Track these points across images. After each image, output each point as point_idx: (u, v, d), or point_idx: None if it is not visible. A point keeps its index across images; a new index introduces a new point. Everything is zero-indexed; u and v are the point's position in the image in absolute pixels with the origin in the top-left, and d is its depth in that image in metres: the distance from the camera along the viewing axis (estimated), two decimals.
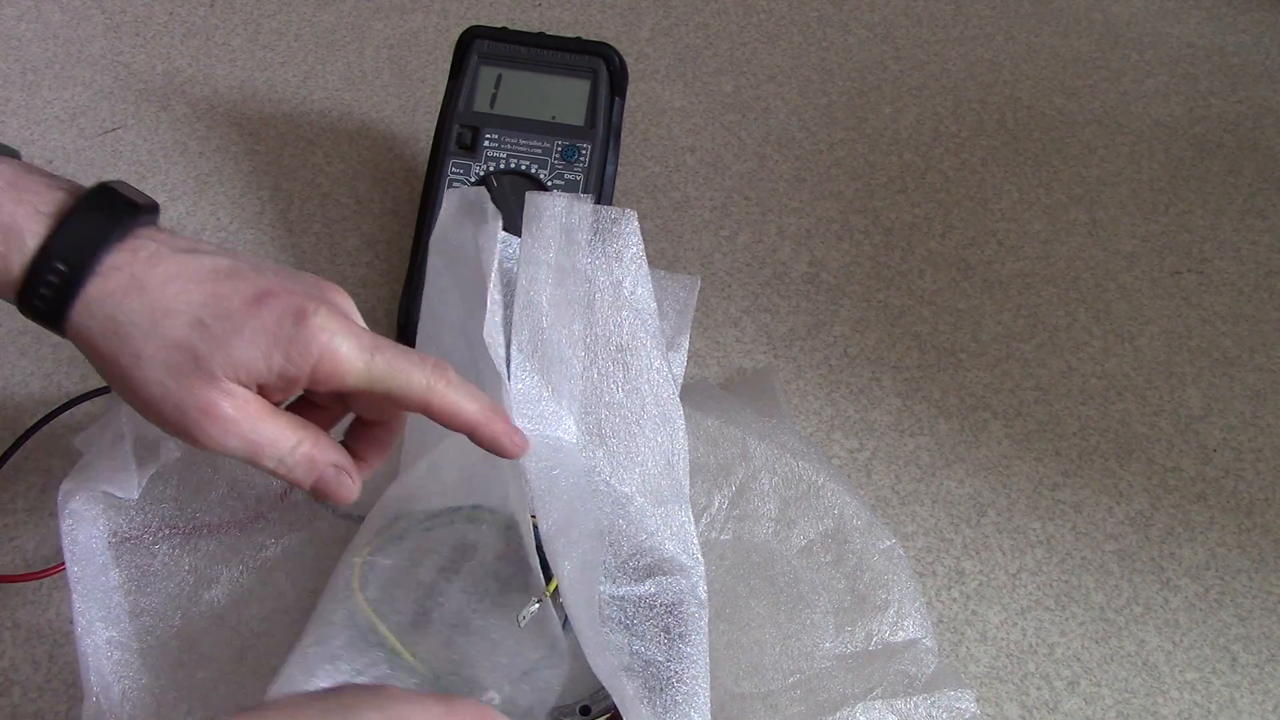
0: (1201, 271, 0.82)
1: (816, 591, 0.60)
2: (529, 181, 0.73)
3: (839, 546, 0.61)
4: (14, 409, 0.68)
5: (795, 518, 0.62)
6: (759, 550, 0.61)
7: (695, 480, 0.63)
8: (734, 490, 0.63)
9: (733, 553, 0.61)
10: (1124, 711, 0.60)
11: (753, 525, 0.62)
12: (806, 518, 0.62)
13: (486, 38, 0.75)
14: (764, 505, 0.63)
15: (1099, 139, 0.90)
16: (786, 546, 0.61)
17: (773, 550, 0.61)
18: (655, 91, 0.90)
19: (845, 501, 0.62)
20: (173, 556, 0.60)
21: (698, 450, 0.64)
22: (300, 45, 0.91)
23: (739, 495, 0.63)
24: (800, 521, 0.62)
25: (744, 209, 0.83)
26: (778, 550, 0.61)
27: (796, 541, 0.62)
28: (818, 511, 0.62)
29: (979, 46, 0.97)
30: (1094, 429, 0.72)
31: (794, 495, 0.63)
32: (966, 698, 0.56)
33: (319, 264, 0.77)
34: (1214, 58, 0.98)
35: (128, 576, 0.58)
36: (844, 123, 0.89)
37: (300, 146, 0.84)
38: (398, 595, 0.53)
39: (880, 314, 0.77)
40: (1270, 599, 0.65)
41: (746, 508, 0.63)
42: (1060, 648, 0.62)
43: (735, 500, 0.63)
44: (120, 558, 0.59)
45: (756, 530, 0.62)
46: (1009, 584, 0.65)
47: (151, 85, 0.87)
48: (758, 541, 0.62)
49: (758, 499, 0.63)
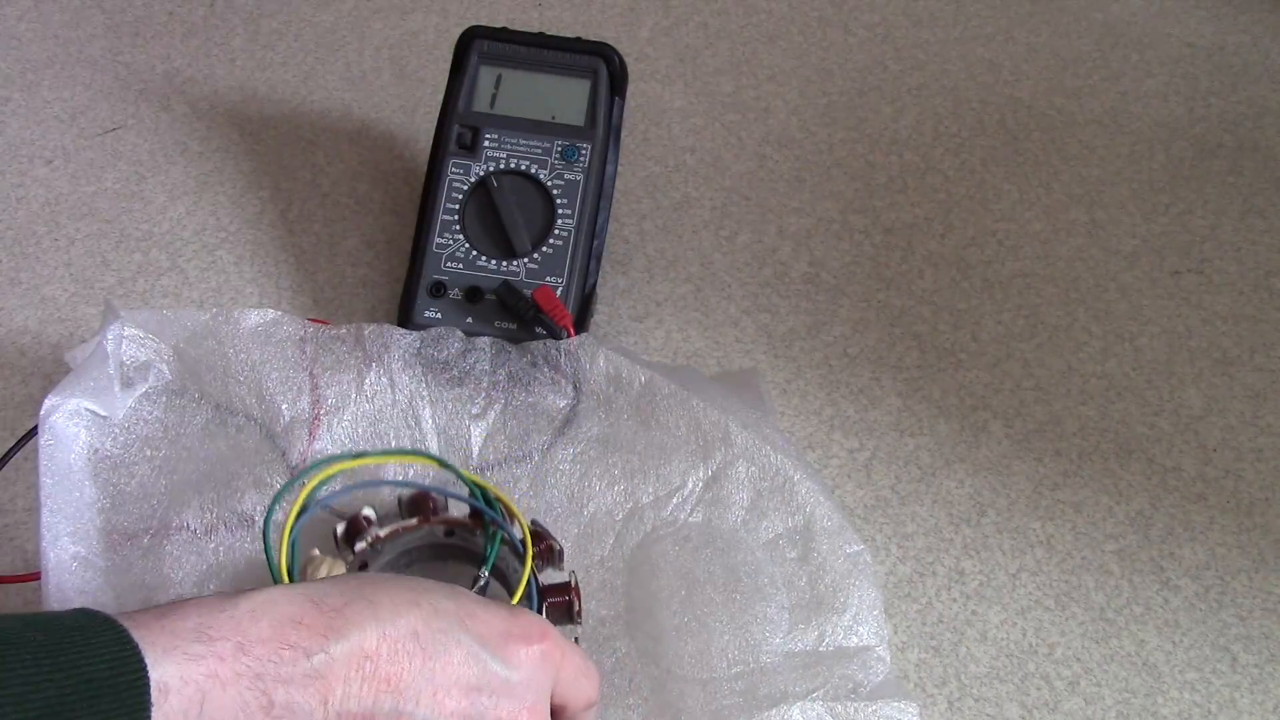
0: (1201, 271, 0.82)
1: (776, 586, 0.60)
2: (529, 181, 0.73)
3: (805, 544, 0.61)
4: (14, 409, 0.68)
5: (767, 509, 0.62)
6: (725, 537, 0.61)
7: (673, 458, 0.63)
8: (710, 474, 0.63)
9: (698, 535, 0.61)
10: (1124, 711, 0.60)
11: (723, 511, 0.62)
12: (778, 511, 0.62)
13: (486, 38, 0.75)
14: (738, 493, 0.62)
15: (1099, 139, 0.90)
16: (753, 537, 0.61)
17: (739, 539, 0.61)
18: (655, 91, 0.90)
19: (819, 501, 0.62)
20: (150, 478, 0.59)
21: (680, 428, 0.64)
22: (300, 45, 0.91)
23: (714, 479, 0.63)
24: (771, 514, 0.62)
25: (744, 209, 0.83)
26: (744, 539, 0.61)
27: (764, 534, 0.61)
28: (790, 507, 0.62)
29: (979, 46, 0.97)
30: (1094, 429, 0.72)
31: (768, 487, 0.62)
32: (910, 710, 0.55)
33: (319, 264, 0.77)
34: (1214, 58, 0.98)
35: (103, 494, 0.58)
36: (844, 123, 0.89)
37: (300, 146, 0.84)
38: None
39: (880, 314, 0.77)
40: (1270, 599, 0.65)
41: (720, 492, 0.62)
42: (1060, 648, 0.62)
43: (710, 484, 0.63)
44: (99, 475, 0.59)
45: (726, 516, 0.62)
46: (1009, 584, 0.65)
47: (151, 85, 0.87)
48: (725, 528, 0.62)
49: (732, 485, 0.63)
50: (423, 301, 0.70)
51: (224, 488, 0.59)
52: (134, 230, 0.78)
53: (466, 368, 0.66)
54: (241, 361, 0.63)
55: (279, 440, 0.62)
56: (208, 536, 0.58)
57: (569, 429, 0.64)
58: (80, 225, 0.78)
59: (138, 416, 0.61)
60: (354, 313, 0.74)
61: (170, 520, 0.58)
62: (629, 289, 0.77)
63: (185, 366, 0.63)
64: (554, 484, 0.63)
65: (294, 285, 0.75)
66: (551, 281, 0.70)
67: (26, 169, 0.81)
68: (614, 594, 0.59)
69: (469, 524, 0.57)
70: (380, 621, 0.42)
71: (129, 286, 0.74)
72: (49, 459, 0.55)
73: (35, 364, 0.70)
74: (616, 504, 0.62)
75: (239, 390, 0.63)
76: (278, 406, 0.63)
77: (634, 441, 0.64)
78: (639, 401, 0.65)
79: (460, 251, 0.71)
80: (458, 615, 0.44)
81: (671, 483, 0.63)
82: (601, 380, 0.65)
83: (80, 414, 0.58)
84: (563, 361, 0.65)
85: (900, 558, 0.65)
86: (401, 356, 0.65)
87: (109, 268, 0.76)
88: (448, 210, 0.72)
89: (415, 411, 0.64)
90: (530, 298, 0.69)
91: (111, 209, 0.79)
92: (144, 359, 0.62)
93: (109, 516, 0.58)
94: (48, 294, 0.74)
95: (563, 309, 0.68)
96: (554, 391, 0.65)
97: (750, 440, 0.63)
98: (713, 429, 0.63)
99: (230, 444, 0.61)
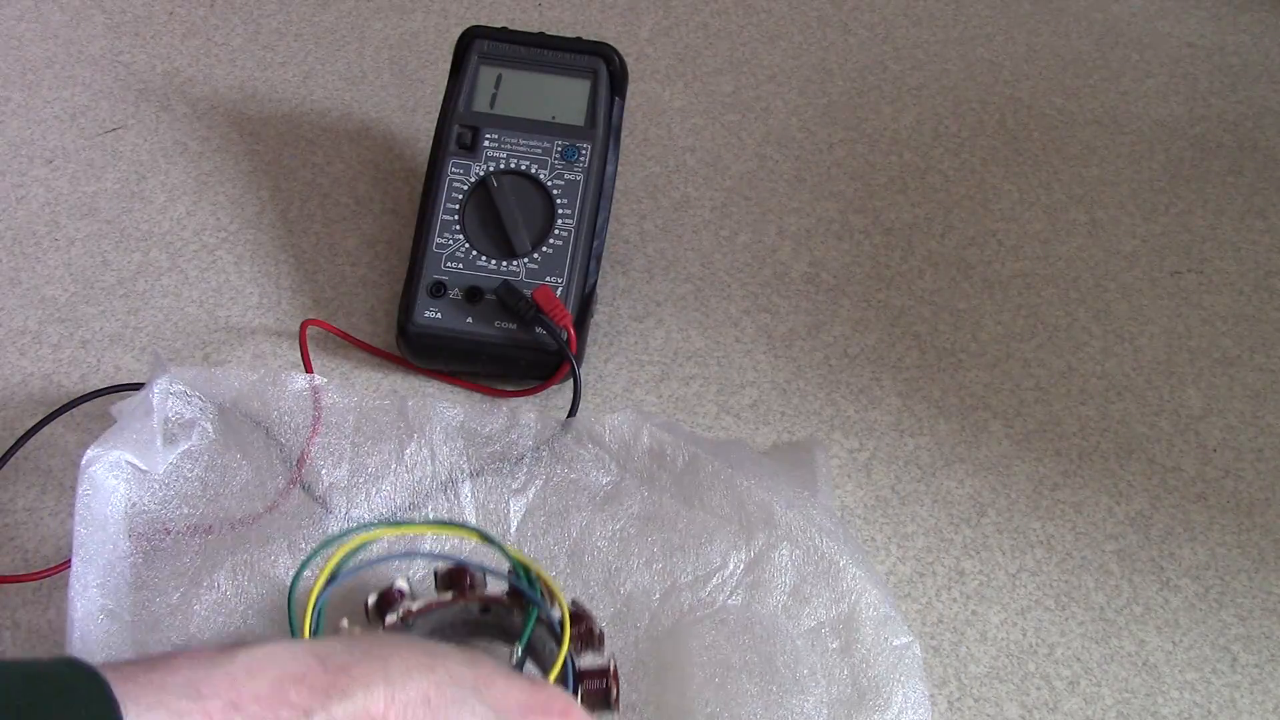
0: (1201, 271, 0.82)
1: (816, 678, 0.57)
2: (529, 181, 0.73)
3: (849, 634, 0.58)
4: (14, 409, 0.68)
5: (810, 595, 0.59)
6: (764, 622, 0.58)
7: (715, 538, 0.61)
8: (752, 556, 0.60)
9: (737, 620, 0.58)
10: (1124, 711, 0.60)
11: (764, 595, 0.59)
12: (821, 598, 0.59)
13: (486, 38, 0.75)
14: (780, 576, 0.60)
15: (1099, 139, 0.90)
16: (794, 624, 0.58)
17: (779, 625, 0.58)
18: (655, 91, 0.90)
19: (865, 588, 0.59)
20: (185, 536, 0.59)
21: (723, 507, 0.62)
22: (300, 45, 0.91)
23: (756, 562, 0.60)
24: (814, 600, 0.59)
25: (744, 209, 0.83)
26: (784, 626, 0.58)
27: (806, 621, 0.59)
28: (834, 594, 0.59)
29: (979, 46, 0.97)
30: (1094, 429, 0.72)
31: (813, 572, 0.59)
32: None
33: (319, 264, 0.77)
34: (1214, 58, 0.98)
35: (136, 548, 0.58)
36: (844, 123, 0.89)
37: (300, 146, 0.84)
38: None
39: (880, 314, 0.77)
40: (1270, 599, 0.65)
41: (761, 575, 0.60)
42: (1060, 648, 0.62)
43: (751, 566, 0.60)
44: (134, 529, 0.59)
45: (767, 600, 0.59)
46: (1009, 584, 0.65)
47: (151, 85, 0.87)
48: (765, 613, 0.59)
49: (774, 569, 0.60)
50: (423, 301, 0.70)
51: (258, 550, 0.59)
52: (134, 230, 0.78)
53: (510, 442, 0.65)
54: (285, 425, 0.63)
55: (317, 506, 0.61)
56: (238, 598, 0.58)
57: (610, 505, 0.63)
58: (80, 225, 0.78)
59: (178, 474, 0.61)
60: (354, 313, 0.74)
61: (201, 579, 0.58)
62: (629, 289, 0.77)
63: (229, 426, 0.63)
64: (592, 561, 0.61)
65: (294, 285, 0.75)
66: (551, 281, 0.70)
67: (26, 169, 0.81)
68: (646, 676, 0.58)
69: (506, 602, 0.56)
70: (390, 683, 0.40)
71: (129, 286, 0.74)
72: (85, 509, 0.55)
73: (35, 364, 0.70)
74: (654, 583, 0.60)
75: (280, 453, 0.62)
76: (318, 471, 0.62)
77: (675, 520, 0.62)
78: (682, 479, 0.63)
79: (460, 251, 0.71)
80: (474, 683, 0.42)
81: (712, 563, 0.61)
82: (644, 457, 0.64)
83: (120, 466, 0.58)
84: (607, 437, 0.64)
85: (900, 558, 0.65)
86: (444, 429, 0.64)
87: (109, 268, 0.76)
88: (448, 210, 0.72)
89: (455, 484, 0.63)
90: (530, 298, 0.69)
91: (111, 209, 0.79)
92: (189, 416, 0.62)
93: (140, 571, 0.58)
94: (48, 294, 0.74)
95: (563, 309, 0.68)
96: (596, 467, 0.64)
97: (795, 521, 0.60)
98: (757, 509, 0.61)
99: (267, 507, 0.61)
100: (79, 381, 0.69)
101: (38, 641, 0.58)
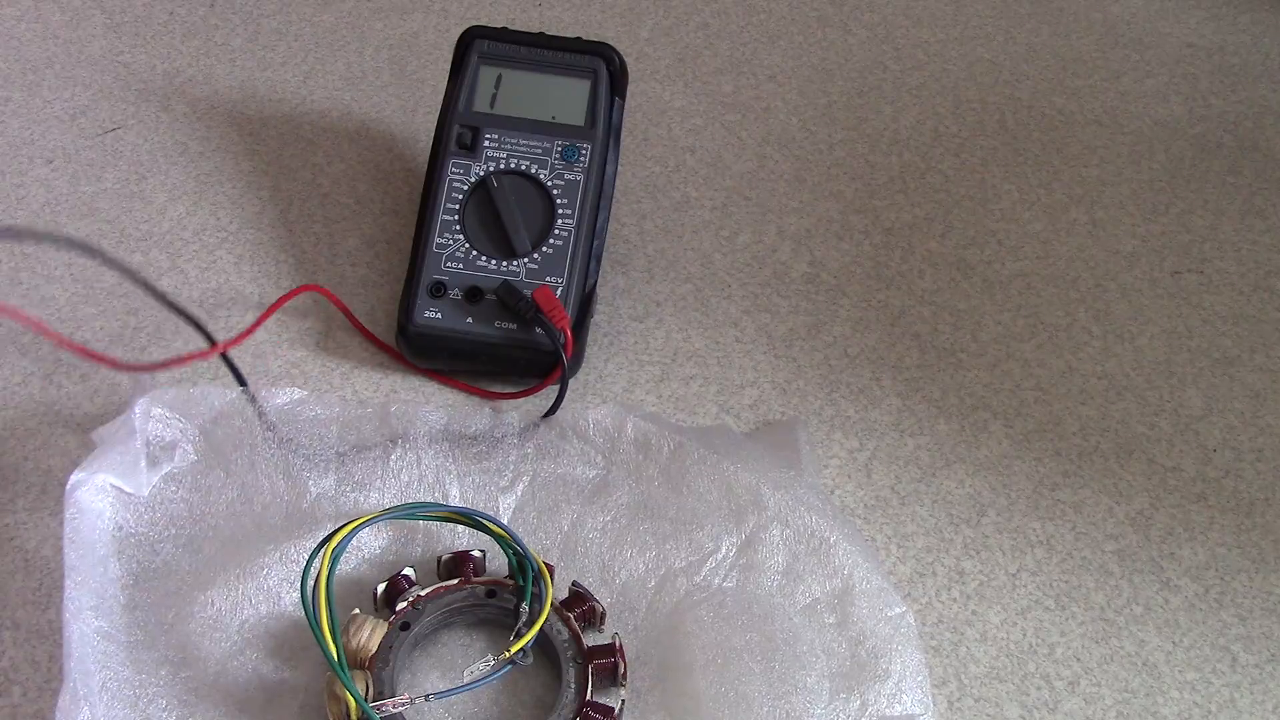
0: (1201, 271, 0.82)
1: (815, 653, 0.57)
2: (529, 181, 0.73)
3: (844, 608, 0.59)
4: (14, 409, 0.68)
5: (803, 573, 0.60)
6: (761, 603, 0.59)
7: (706, 524, 0.62)
8: (744, 538, 0.61)
9: (734, 602, 0.59)
10: (1124, 711, 0.60)
11: (758, 576, 0.60)
12: (814, 574, 0.60)
13: (486, 38, 0.75)
14: (772, 557, 0.61)
15: (1099, 139, 0.90)
16: (790, 602, 0.59)
17: (775, 604, 0.59)
18: (655, 91, 0.90)
19: (857, 562, 0.60)
20: (175, 556, 0.60)
21: (711, 493, 0.63)
22: (300, 45, 0.91)
23: (748, 544, 0.61)
24: (807, 578, 0.60)
25: (744, 209, 0.83)
26: (780, 605, 0.59)
27: (801, 598, 0.59)
28: (827, 570, 0.60)
29: (979, 46, 0.97)
30: (1094, 429, 0.72)
31: (804, 550, 0.61)
32: None
33: (319, 264, 0.77)
34: (1214, 58, 0.98)
35: (127, 571, 0.58)
36: (844, 123, 0.89)
37: (300, 146, 0.84)
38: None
39: (880, 314, 0.77)
40: (1270, 599, 0.65)
41: (754, 557, 0.61)
42: (1060, 648, 0.62)
43: (743, 549, 0.61)
44: (123, 552, 0.59)
45: (762, 582, 0.60)
46: (1009, 584, 0.65)
47: (151, 85, 0.87)
48: (761, 594, 0.60)
49: (766, 550, 0.61)
50: (423, 301, 0.70)
51: (250, 565, 0.59)
52: (134, 230, 0.78)
53: (495, 440, 0.65)
54: (267, 440, 0.63)
55: (305, 517, 0.61)
56: (233, 613, 0.58)
57: (599, 498, 0.64)
58: (80, 225, 0.78)
59: (163, 495, 0.61)
60: (354, 312, 0.74)
61: (195, 597, 0.58)
62: (629, 289, 0.77)
63: (211, 446, 0.63)
64: (585, 553, 0.62)
65: (294, 285, 0.75)
66: (551, 281, 0.70)
67: (26, 169, 0.81)
68: (648, 664, 0.58)
69: (510, 585, 0.57)
70: None
71: (129, 286, 0.74)
72: (74, 533, 0.55)
73: (35, 364, 0.70)
74: (649, 570, 0.61)
75: (265, 469, 0.63)
76: (304, 484, 0.62)
77: (665, 507, 0.63)
78: (669, 467, 0.64)
79: (460, 251, 0.71)
80: None
81: (704, 548, 0.61)
82: (630, 448, 0.65)
83: (106, 490, 0.58)
84: (591, 431, 0.65)
85: (900, 558, 0.65)
86: (428, 432, 0.65)
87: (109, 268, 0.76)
88: (448, 210, 0.72)
89: (443, 485, 0.63)
90: (530, 298, 0.69)
91: (111, 209, 0.79)
92: (170, 438, 0.62)
93: (133, 593, 0.58)
94: (48, 294, 0.74)
95: (562, 309, 0.68)
96: (583, 461, 0.65)
97: (784, 502, 0.62)
98: (745, 492, 0.62)
99: (256, 522, 0.61)
100: (79, 381, 0.69)
101: (38, 641, 0.58)
